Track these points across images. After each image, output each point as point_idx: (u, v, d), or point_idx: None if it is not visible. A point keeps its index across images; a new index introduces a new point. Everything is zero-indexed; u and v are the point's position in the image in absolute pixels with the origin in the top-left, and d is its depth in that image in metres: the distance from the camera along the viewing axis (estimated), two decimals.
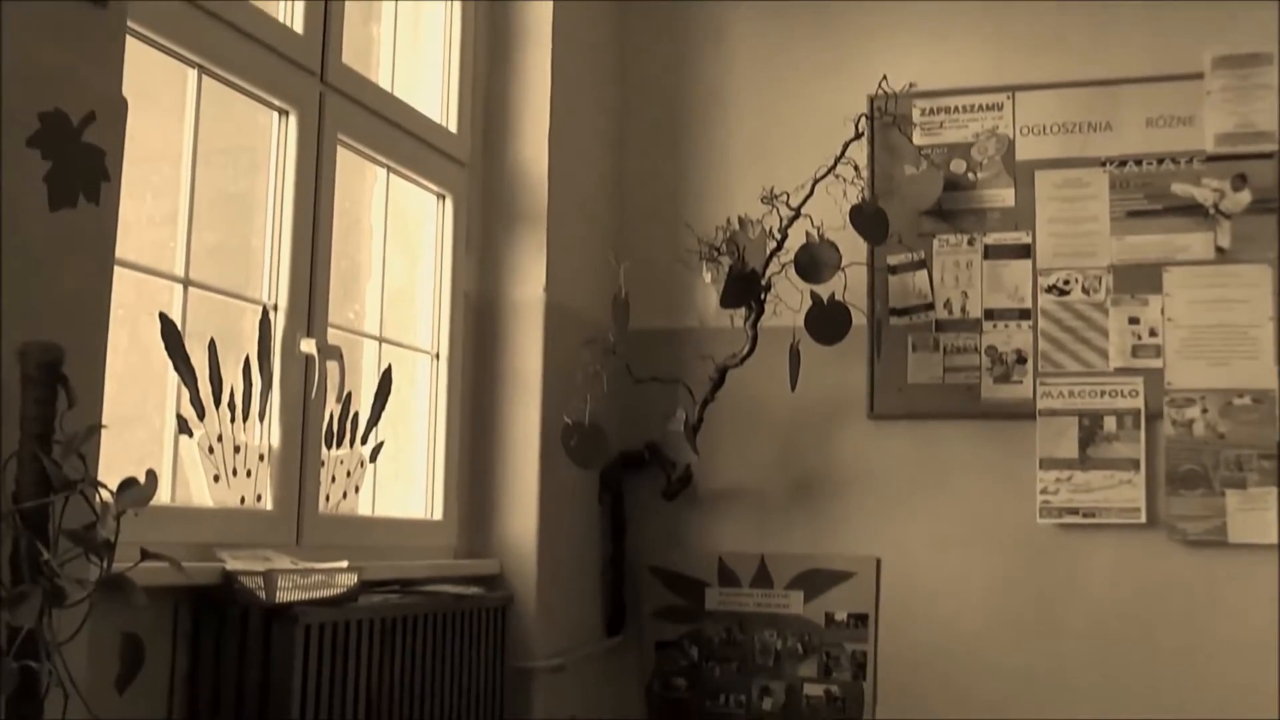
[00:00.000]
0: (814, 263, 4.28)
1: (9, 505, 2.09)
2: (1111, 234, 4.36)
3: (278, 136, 3.31)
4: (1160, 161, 4.34)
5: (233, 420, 3.09)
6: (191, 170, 3.00)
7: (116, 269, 2.44)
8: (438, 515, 3.97)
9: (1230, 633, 4.14)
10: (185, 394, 2.95)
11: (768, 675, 4.52)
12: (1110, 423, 4.26)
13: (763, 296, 4.31)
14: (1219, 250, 4.26)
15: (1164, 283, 4.29)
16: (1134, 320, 4.30)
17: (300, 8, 3.38)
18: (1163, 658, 4.19)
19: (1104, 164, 4.39)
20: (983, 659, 4.34)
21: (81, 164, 2.31)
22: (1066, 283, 4.38)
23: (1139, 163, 4.36)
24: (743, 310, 4.34)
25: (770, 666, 4.52)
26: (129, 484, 2.19)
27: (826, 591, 4.50)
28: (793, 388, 4.31)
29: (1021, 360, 4.38)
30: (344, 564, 3.09)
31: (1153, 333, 4.28)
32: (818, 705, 4.46)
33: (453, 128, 4.12)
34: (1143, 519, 4.21)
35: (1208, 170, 4.30)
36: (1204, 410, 4.19)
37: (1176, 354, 4.25)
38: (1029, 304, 4.41)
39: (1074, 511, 4.27)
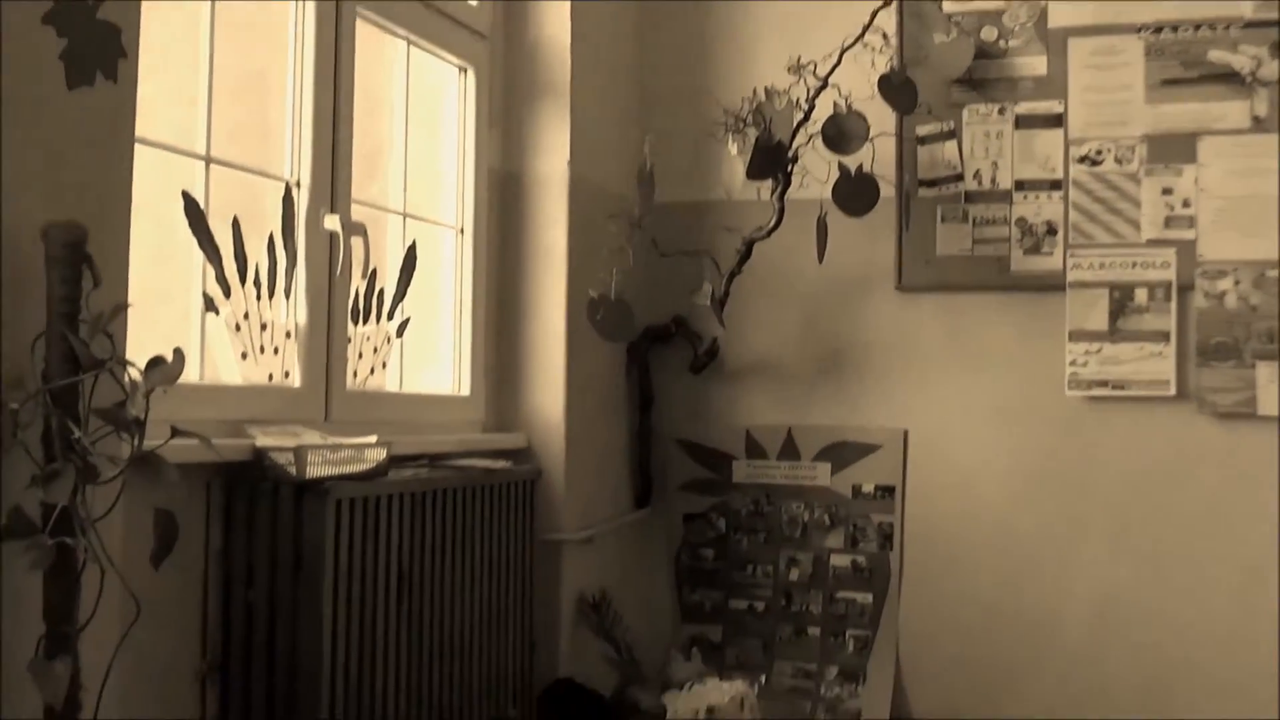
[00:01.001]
0: (841, 134, 4.23)
1: (39, 385, 2.10)
2: (1146, 102, 4.28)
3: (296, 11, 3.27)
4: (1197, 28, 4.25)
5: (259, 298, 3.09)
6: (210, 47, 2.97)
7: (137, 148, 2.43)
8: (465, 390, 3.99)
9: (1256, 504, 4.14)
10: (210, 272, 2.95)
11: (795, 546, 4.56)
12: (1141, 295, 4.23)
13: (789, 168, 4.27)
14: (1255, 119, 4.18)
15: (1198, 152, 4.23)
16: (1167, 191, 4.25)
17: None
18: (1189, 529, 4.20)
19: (1139, 31, 4.30)
20: (1009, 530, 4.36)
21: (98, 41, 2.29)
22: (1099, 153, 4.32)
23: (1175, 29, 4.27)
24: (769, 182, 4.30)
25: (797, 538, 4.56)
26: (157, 362, 2.21)
27: (854, 464, 4.52)
28: (820, 260, 4.29)
29: (1052, 232, 4.34)
30: (373, 439, 3.11)
31: (1186, 203, 4.23)
32: (844, 576, 4.50)
33: (473, 0, 4.06)
34: (1172, 391, 4.20)
35: (1245, 37, 4.21)
36: (1236, 282, 4.15)
37: (1210, 225, 4.20)
38: (1060, 174, 4.35)
39: (1103, 384, 4.26)
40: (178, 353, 2.22)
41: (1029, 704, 4.31)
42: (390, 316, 3.63)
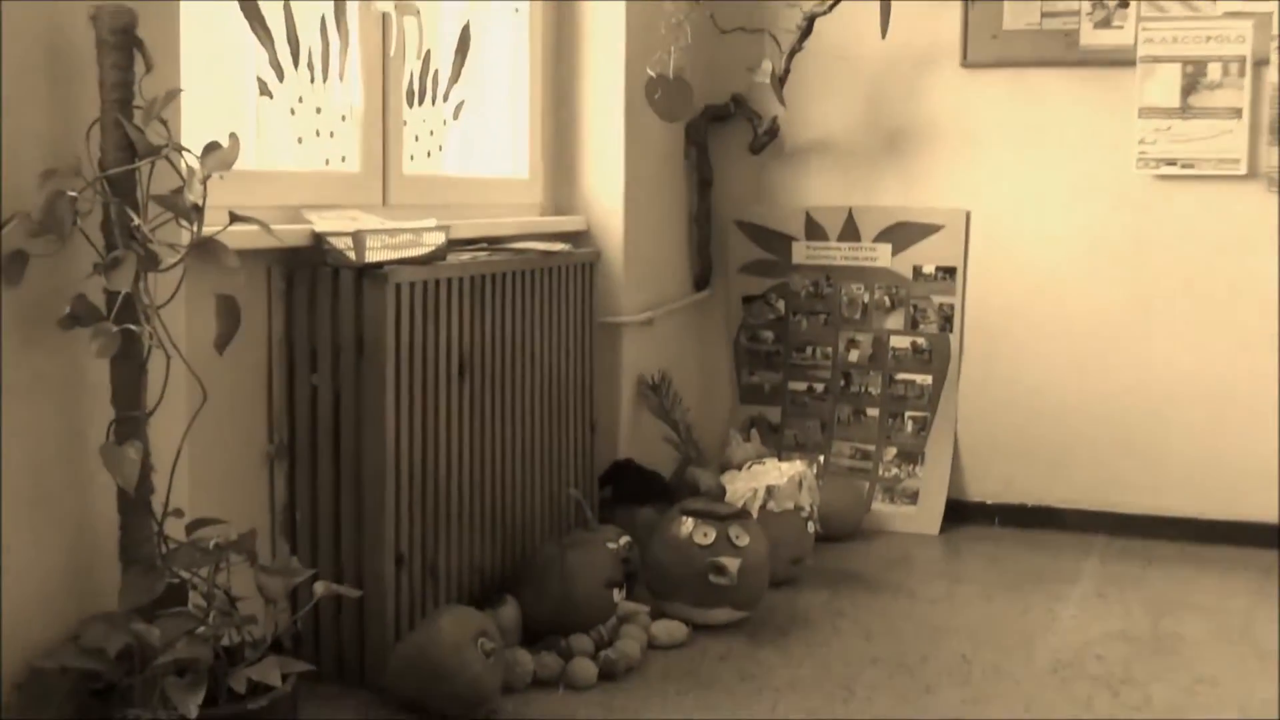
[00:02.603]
0: None
1: (96, 172, 2.10)
2: None
3: None
4: None
5: (312, 81, 3.06)
6: None
7: None
8: (523, 173, 3.96)
9: None
10: (263, 55, 2.91)
11: (854, 328, 4.55)
12: (1214, 70, 4.10)
13: None
14: None
15: None
16: None
17: None
18: (1255, 307, 4.15)
19: None
20: (1072, 311, 4.33)
21: None
22: None
23: None
24: None
25: (857, 319, 4.55)
26: (213, 147, 2.19)
27: (915, 244, 4.48)
28: (883, 35, 4.17)
29: (1124, 4, 4.20)
30: (431, 223, 3.10)
31: None
32: (904, 357, 4.50)
33: None
34: (1242, 170, 4.10)
35: None
36: None
37: None
38: None
39: (1172, 162, 4.17)
40: (233, 137, 2.21)
41: (1088, 486, 4.34)
42: (445, 99, 3.59)
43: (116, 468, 2.08)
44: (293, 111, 3.01)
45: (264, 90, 2.93)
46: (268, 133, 2.98)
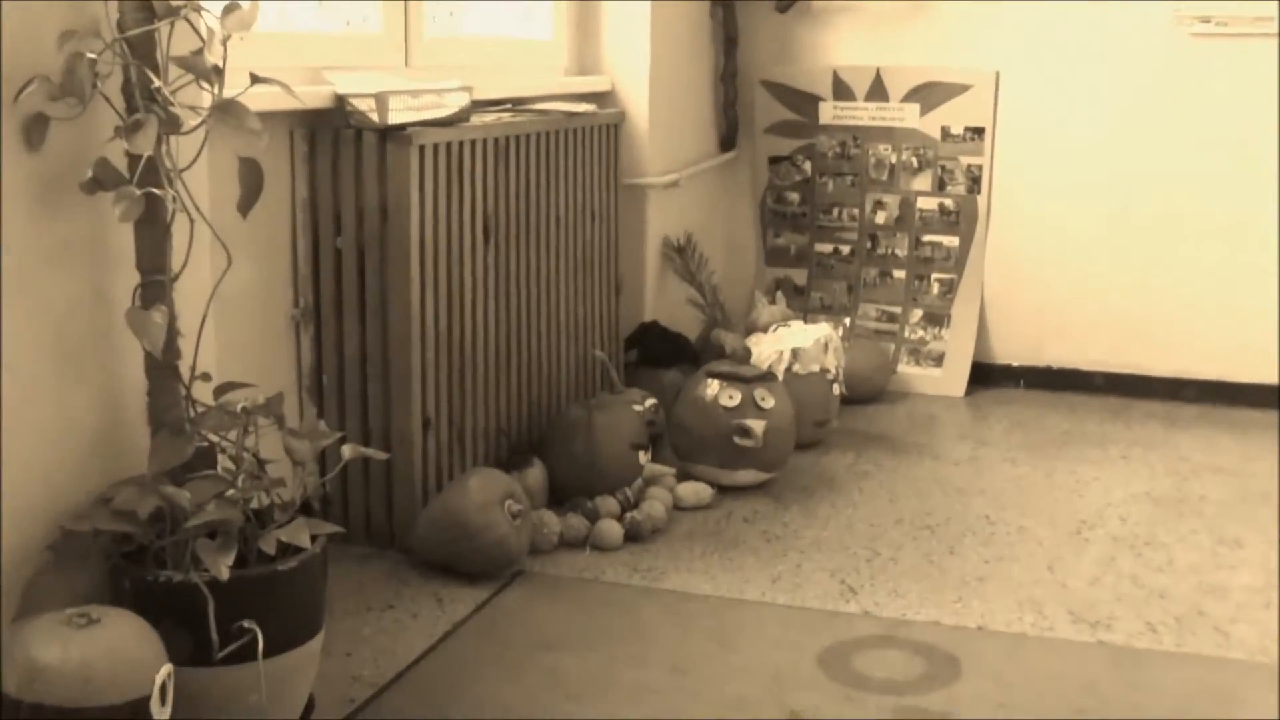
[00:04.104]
0: None
1: (115, 34, 2.07)
2: None
3: None
4: None
5: None
6: None
7: None
8: (546, 33, 3.90)
9: None
10: None
11: (881, 189, 4.51)
12: None
13: None
14: None
15: None
16: None
17: None
18: None
19: None
20: (1104, 169, 4.28)
21: None
22: None
23: None
24: None
25: (884, 180, 4.50)
26: (232, 8, 2.16)
27: (943, 104, 4.42)
28: None
29: None
30: (454, 84, 3.06)
31: None
32: (931, 219, 4.46)
33: None
34: (1275, 30, 4.02)
35: None
36: None
37: None
38: None
39: (1206, 20, 4.08)
40: None
41: (1113, 349, 4.33)
42: None
43: (143, 332, 2.08)
44: None
45: None
46: None
